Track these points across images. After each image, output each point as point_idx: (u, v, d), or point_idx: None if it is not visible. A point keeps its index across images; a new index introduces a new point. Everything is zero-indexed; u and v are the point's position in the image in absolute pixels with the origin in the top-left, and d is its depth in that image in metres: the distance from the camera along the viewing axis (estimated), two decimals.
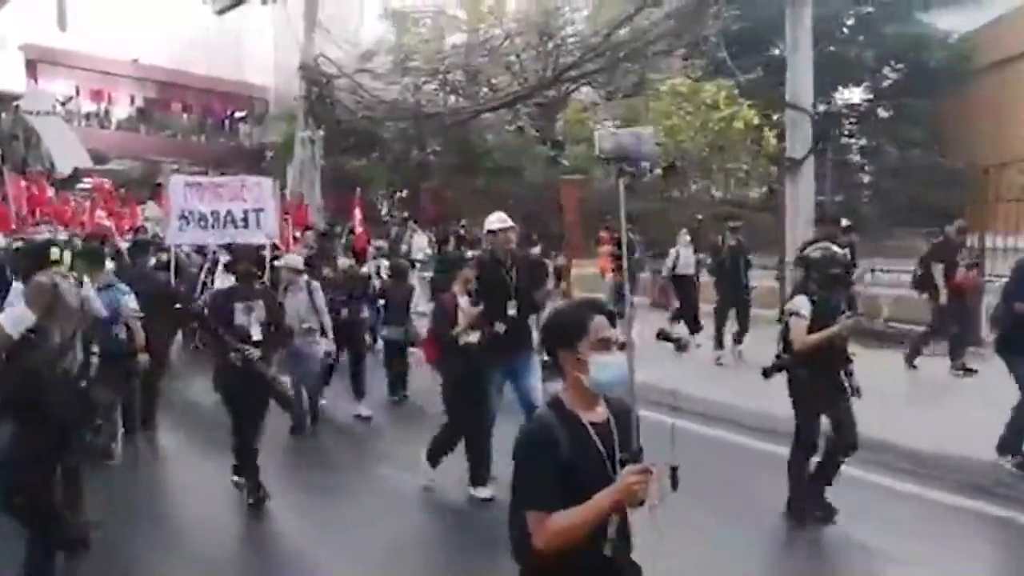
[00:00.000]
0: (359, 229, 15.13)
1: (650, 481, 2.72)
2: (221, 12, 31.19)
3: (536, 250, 12.47)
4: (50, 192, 17.40)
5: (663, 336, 10.52)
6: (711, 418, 8.22)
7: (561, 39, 16.98)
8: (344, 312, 9.28)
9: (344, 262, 10.62)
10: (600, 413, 2.99)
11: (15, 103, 28.63)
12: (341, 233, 14.51)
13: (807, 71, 12.05)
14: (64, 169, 23.29)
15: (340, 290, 9.46)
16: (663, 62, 17.50)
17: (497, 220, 7.57)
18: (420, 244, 17.04)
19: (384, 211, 22.34)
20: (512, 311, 6.96)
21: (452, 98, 19.75)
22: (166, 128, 34.76)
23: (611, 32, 14.51)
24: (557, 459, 2.84)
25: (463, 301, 7.08)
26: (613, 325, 2.97)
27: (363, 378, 9.25)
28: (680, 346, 9.15)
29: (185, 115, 35.13)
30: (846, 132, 23.01)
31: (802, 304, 5.85)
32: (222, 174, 18.23)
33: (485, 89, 19.51)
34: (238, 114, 36.18)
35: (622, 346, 3.01)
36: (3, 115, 28.58)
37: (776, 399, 6.27)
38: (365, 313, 9.96)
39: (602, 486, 2.73)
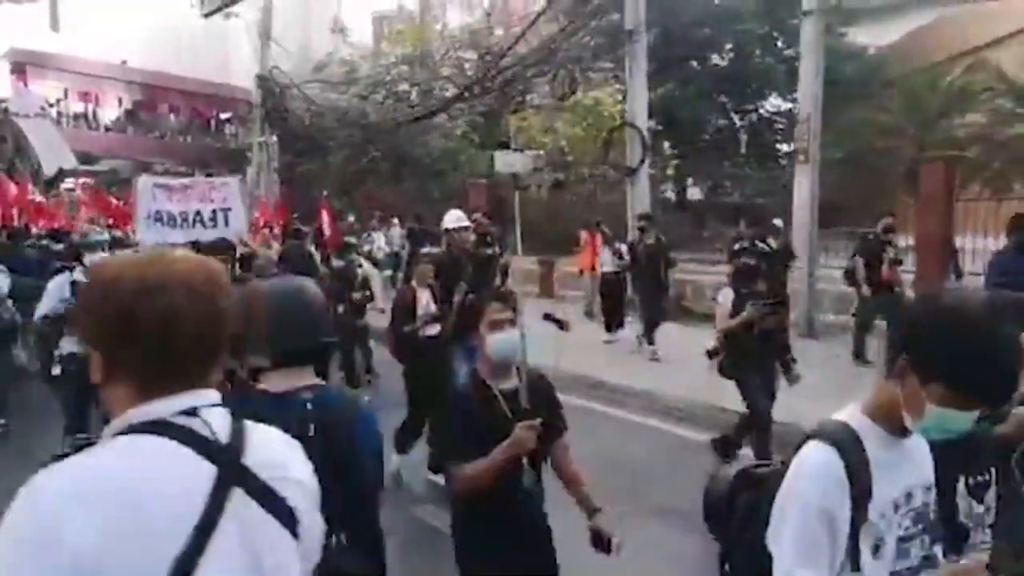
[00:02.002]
0: (328, 231, 16.35)
1: (531, 435, 3.15)
2: (208, 15, 32.60)
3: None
4: (33, 193, 18.75)
5: (548, 318, 11.31)
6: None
7: (489, 53, 18.38)
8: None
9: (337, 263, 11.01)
10: (511, 382, 3.43)
11: (3, 105, 30.17)
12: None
13: (643, 96, 13.62)
14: (50, 170, 24.70)
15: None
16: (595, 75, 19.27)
17: (454, 219, 8.00)
18: (380, 242, 17.90)
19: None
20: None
21: (397, 107, 21.18)
22: (153, 129, 35.61)
23: (552, 47, 15.85)
24: (472, 421, 3.32)
25: (422, 295, 7.35)
26: (513, 310, 3.46)
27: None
28: (562, 326, 10.20)
29: (172, 116, 35.94)
30: (777, 138, 24.53)
31: (725, 294, 6.63)
32: (208, 174, 19.62)
33: (415, 98, 21.05)
34: (223, 115, 36.96)
35: (513, 324, 3.44)
36: None
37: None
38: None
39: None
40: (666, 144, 19.78)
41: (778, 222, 12.08)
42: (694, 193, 26.74)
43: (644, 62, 13.21)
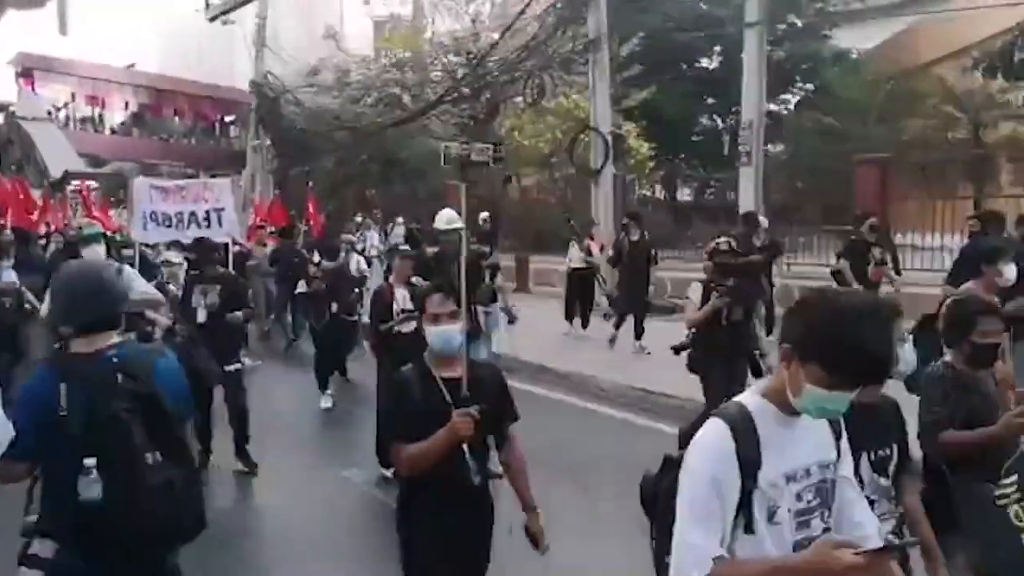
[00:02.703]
0: (312, 220, 16.75)
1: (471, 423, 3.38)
2: (213, 19, 33.39)
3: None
4: (36, 195, 19.53)
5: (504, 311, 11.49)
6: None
7: (474, 58, 19.22)
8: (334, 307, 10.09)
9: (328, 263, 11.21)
10: (457, 371, 3.61)
11: (11, 109, 31.11)
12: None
13: (605, 101, 14.59)
14: (56, 172, 25.54)
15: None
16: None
17: (445, 221, 8.16)
18: (373, 240, 18.35)
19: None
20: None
21: (385, 110, 22.05)
22: (158, 132, 36.25)
23: (528, 49, 16.67)
24: (409, 404, 3.56)
25: (399, 293, 7.48)
26: (458, 304, 3.68)
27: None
28: (512, 320, 10.29)
29: (177, 119, 36.44)
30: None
31: (693, 288, 6.81)
32: (212, 175, 20.29)
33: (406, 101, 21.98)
34: (227, 118, 37.44)
35: (453, 316, 3.64)
36: None
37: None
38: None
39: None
40: (646, 146, 20.49)
41: (763, 220, 12.28)
42: (683, 194, 27.47)
43: (607, 70, 14.03)
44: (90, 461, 2.81)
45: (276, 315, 14.04)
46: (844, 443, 2.32)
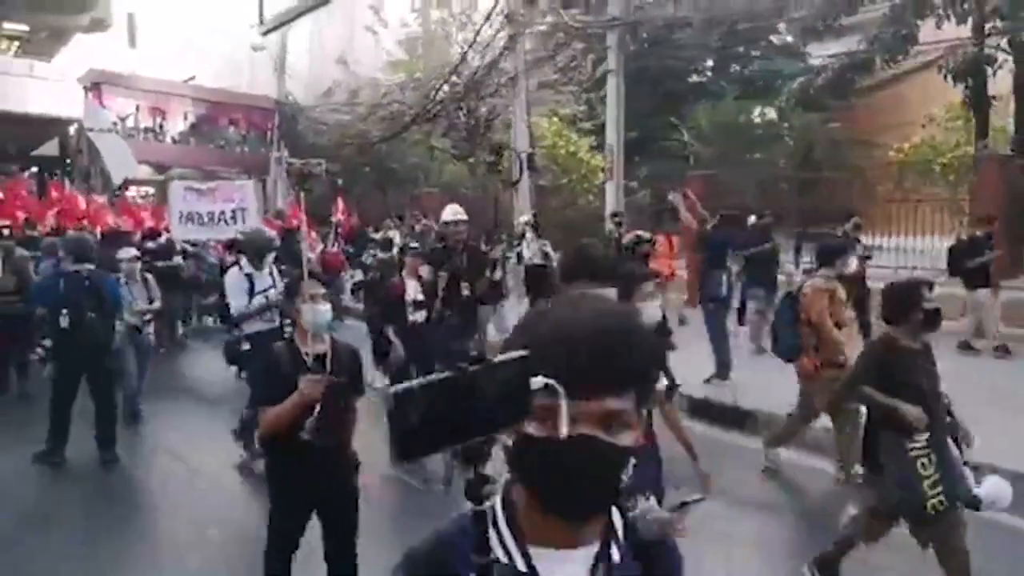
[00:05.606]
0: (341, 216, 19.36)
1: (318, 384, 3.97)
2: (266, 34, 37.80)
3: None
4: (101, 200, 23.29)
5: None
6: None
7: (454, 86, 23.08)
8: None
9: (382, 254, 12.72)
10: (320, 347, 4.24)
11: (80, 121, 35.58)
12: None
13: (522, 125, 17.81)
14: (118, 179, 29.76)
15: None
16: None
17: (451, 213, 8.70)
18: (396, 240, 21.09)
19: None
20: (465, 292, 8.28)
21: (391, 125, 26.02)
22: (215, 140, 39.53)
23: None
24: (276, 374, 4.14)
25: (409, 285, 8.20)
26: (326, 287, 4.47)
27: None
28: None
29: (232, 128, 39.43)
30: None
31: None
32: (263, 180, 23.98)
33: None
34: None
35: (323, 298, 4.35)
36: (71, 131, 35.16)
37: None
38: None
39: None
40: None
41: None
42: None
43: (524, 96, 17.78)
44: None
45: None
46: None
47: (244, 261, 8.38)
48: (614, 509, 1.47)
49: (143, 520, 7.28)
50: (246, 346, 7.79)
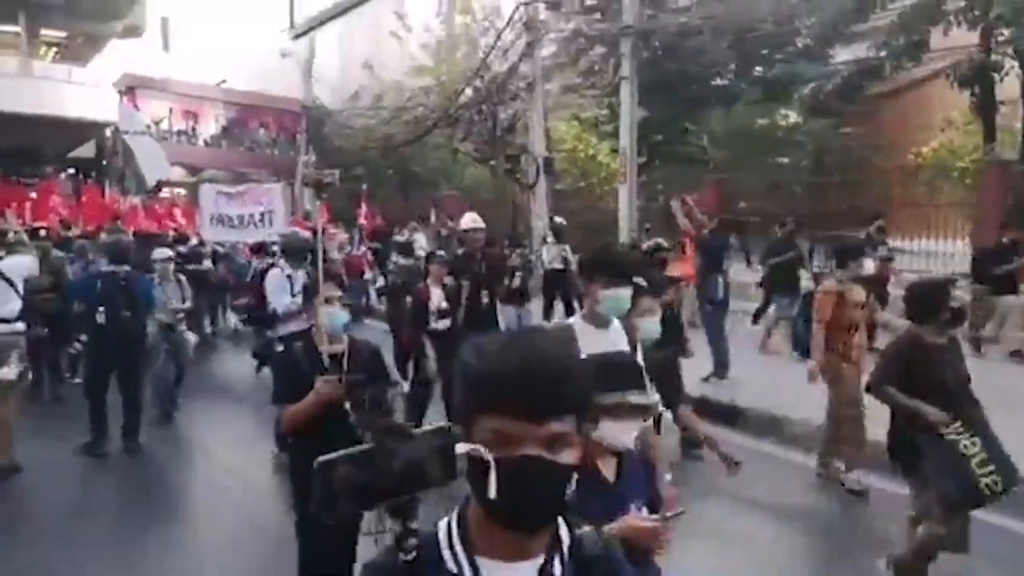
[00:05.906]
0: (364, 220, 19.66)
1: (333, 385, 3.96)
2: (297, 38, 38.47)
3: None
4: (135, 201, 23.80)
5: None
6: None
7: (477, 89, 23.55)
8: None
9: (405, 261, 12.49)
10: (338, 348, 4.26)
11: (115, 125, 36.40)
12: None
13: (540, 134, 18.34)
14: (151, 181, 30.52)
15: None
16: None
17: (470, 220, 8.87)
18: (421, 242, 20.07)
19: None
20: (485, 300, 8.39)
21: (415, 129, 26.56)
22: (246, 143, 40.46)
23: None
24: (295, 373, 4.17)
25: (435, 292, 8.23)
26: (343, 289, 4.48)
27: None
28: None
29: (262, 131, 40.64)
30: None
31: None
32: (290, 183, 24.46)
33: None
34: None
35: (338, 301, 4.39)
36: (107, 134, 35.89)
37: None
38: None
39: None
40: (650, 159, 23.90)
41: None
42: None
43: (541, 101, 18.24)
44: None
45: None
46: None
47: (283, 262, 8.66)
48: (563, 526, 1.61)
49: (177, 516, 7.48)
50: (279, 347, 7.58)
